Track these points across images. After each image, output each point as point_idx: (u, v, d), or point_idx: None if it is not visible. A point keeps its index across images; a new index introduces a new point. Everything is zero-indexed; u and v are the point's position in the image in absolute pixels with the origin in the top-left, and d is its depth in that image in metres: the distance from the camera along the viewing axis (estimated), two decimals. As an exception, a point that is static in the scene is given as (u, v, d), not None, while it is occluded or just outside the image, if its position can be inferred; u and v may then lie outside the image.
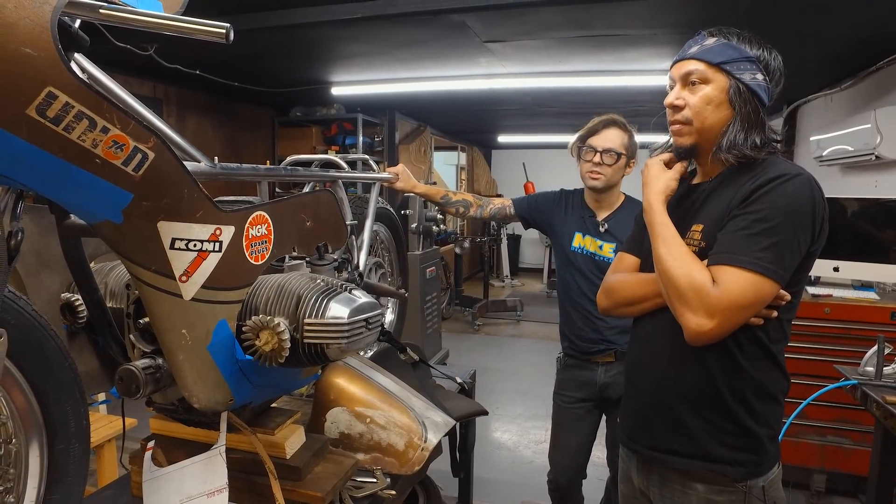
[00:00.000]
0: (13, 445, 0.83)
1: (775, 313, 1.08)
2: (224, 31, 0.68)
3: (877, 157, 3.35)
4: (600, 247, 2.01)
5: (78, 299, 1.14)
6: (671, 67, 1.20)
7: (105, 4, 0.66)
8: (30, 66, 0.59)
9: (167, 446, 1.26)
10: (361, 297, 1.07)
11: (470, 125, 7.81)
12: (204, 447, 1.13)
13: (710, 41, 1.14)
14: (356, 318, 1.03)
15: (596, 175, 1.98)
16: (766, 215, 1.02)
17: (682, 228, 1.18)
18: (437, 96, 5.00)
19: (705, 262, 1.10)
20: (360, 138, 5.73)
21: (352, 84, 4.72)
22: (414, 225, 4.40)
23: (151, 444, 1.21)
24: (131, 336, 1.06)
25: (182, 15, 0.90)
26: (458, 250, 7.26)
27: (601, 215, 2.06)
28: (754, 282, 1.01)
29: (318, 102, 5.70)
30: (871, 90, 3.74)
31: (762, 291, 1.02)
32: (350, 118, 5.72)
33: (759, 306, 1.04)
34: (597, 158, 1.96)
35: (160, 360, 1.02)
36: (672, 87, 1.19)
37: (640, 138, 2.10)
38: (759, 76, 1.11)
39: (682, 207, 1.23)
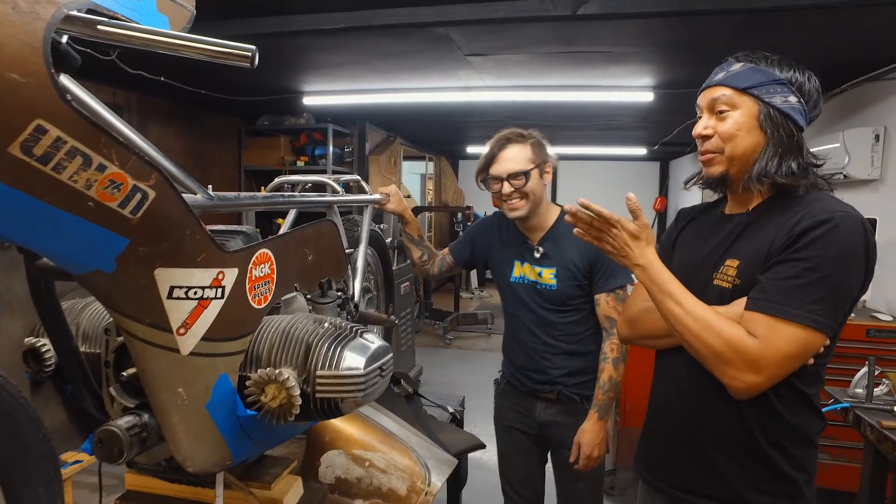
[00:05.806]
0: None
1: (812, 360, 1.03)
2: (249, 53, 0.57)
3: (845, 176, 3.44)
4: (539, 273, 1.77)
5: (45, 344, 1.01)
6: (698, 97, 1.15)
7: (105, 20, 0.55)
8: (16, 94, 0.47)
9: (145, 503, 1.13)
10: (374, 341, 0.98)
11: (440, 135, 7.74)
12: (191, 508, 1.01)
13: (737, 66, 1.10)
14: (372, 366, 0.93)
15: (513, 206, 1.72)
16: (817, 264, 0.97)
17: (713, 261, 1.13)
18: (410, 107, 4.91)
19: (735, 302, 1.04)
20: (331, 149, 5.58)
21: (324, 94, 4.58)
22: (388, 240, 4.29)
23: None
24: (111, 389, 0.93)
25: (187, 28, 0.79)
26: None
27: (535, 238, 1.80)
28: (804, 336, 0.96)
29: (287, 111, 5.52)
30: (837, 111, 3.86)
31: (812, 345, 0.98)
32: (320, 128, 5.57)
33: (808, 358, 1.00)
34: (506, 189, 1.70)
35: (146, 417, 0.89)
36: (700, 118, 1.14)
37: (612, 151, 2.00)
38: (793, 98, 1.06)
39: (713, 238, 1.17)
